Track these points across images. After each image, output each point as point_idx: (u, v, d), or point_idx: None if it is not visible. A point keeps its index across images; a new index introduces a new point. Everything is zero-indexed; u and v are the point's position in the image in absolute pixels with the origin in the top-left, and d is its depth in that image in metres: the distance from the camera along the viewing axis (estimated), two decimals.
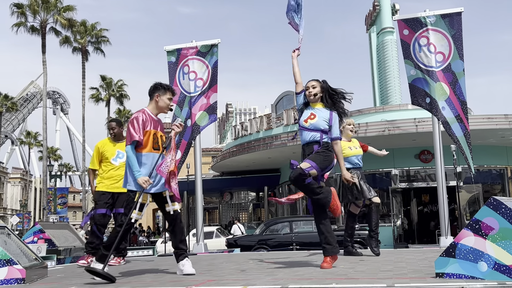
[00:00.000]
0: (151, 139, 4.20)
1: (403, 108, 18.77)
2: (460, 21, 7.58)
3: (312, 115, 4.52)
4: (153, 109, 4.33)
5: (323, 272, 4.02)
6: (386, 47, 23.20)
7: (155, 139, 4.23)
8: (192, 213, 25.99)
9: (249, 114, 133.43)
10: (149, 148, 4.18)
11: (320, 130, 4.45)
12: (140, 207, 4.13)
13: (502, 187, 18.56)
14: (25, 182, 72.34)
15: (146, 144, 4.18)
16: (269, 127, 20.88)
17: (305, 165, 4.29)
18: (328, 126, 4.49)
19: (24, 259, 4.13)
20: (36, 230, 7.83)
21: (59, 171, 36.50)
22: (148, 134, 4.19)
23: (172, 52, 8.75)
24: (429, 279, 3.28)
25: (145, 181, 4.04)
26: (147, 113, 4.28)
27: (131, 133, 4.13)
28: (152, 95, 4.35)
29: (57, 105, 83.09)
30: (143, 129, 4.16)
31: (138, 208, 4.11)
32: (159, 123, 4.37)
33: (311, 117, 4.52)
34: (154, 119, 4.29)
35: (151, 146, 4.20)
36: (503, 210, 3.10)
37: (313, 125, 4.48)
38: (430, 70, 7.52)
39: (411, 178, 18.15)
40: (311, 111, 4.56)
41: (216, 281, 3.66)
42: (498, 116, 15.38)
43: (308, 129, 4.49)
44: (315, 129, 4.47)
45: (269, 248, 13.33)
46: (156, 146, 4.23)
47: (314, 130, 4.47)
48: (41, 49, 32.11)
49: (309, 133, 4.48)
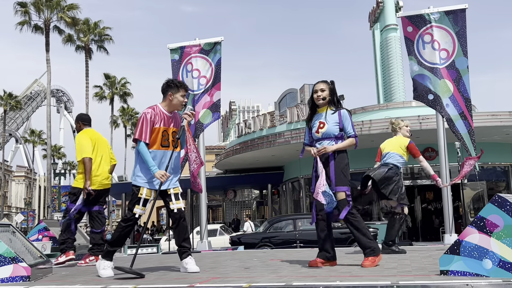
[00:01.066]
0: (159, 137, 4.19)
1: (406, 105, 18.72)
2: (464, 18, 7.54)
3: (321, 124, 4.38)
4: (166, 106, 4.30)
5: (327, 270, 4.02)
6: (390, 44, 23.13)
7: (164, 136, 4.21)
8: (196, 211, 26.03)
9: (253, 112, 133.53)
10: (157, 145, 4.19)
11: (334, 136, 4.34)
12: (143, 203, 4.16)
13: (507, 184, 18.49)
14: (30, 180, 72.61)
15: (154, 142, 4.18)
16: (272, 124, 20.87)
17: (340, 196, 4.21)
18: (340, 129, 4.36)
19: (29, 256, 4.15)
20: (41, 228, 7.86)
21: (63, 169, 36.72)
22: (157, 131, 4.18)
23: (176, 50, 8.75)
24: (433, 277, 3.27)
25: (162, 175, 4.08)
26: (158, 109, 4.26)
27: (138, 132, 4.14)
28: (166, 93, 4.30)
29: (61, 103, 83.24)
30: (151, 127, 4.15)
31: (142, 204, 4.15)
32: (174, 119, 4.32)
33: (320, 126, 4.38)
34: (167, 116, 4.26)
35: (159, 143, 4.20)
36: (508, 208, 3.09)
37: (325, 133, 4.36)
38: (434, 67, 7.49)
39: (415, 175, 18.11)
40: (319, 120, 4.41)
41: (220, 279, 3.67)
42: (502, 113, 15.32)
43: (321, 139, 4.37)
44: (328, 137, 4.35)
45: (273, 245, 13.34)
46: (165, 143, 4.22)
47: (327, 138, 4.35)
48: (45, 47, 32.21)
49: (324, 143, 4.36)
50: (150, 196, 4.19)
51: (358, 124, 16.05)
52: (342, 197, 4.21)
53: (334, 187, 4.23)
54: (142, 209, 4.17)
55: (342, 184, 4.23)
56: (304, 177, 20.49)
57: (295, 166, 21.18)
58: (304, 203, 20.64)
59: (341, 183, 4.23)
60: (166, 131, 4.23)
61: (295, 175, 21.25)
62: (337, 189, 4.22)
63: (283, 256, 5.89)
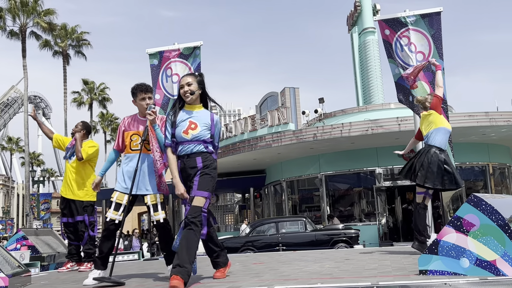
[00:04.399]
0: (128, 141, 4.36)
1: (385, 107, 18.94)
2: (439, 21, 7.68)
3: (192, 125, 3.80)
4: (138, 111, 4.46)
5: (309, 273, 4.04)
6: (368, 47, 23.38)
7: (132, 140, 4.36)
8: (178, 216, 25.86)
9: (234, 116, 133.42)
10: (127, 149, 4.37)
11: (203, 140, 3.80)
12: (115, 207, 4.13)
13: (484, 183, 18.81)
14: (7, 188, 71.17)
15: (124, 146, 4.40)
16: (253, 128, 20.89)
17: (199, 201, 3.62)
18: (211, 135, 3.84)
19: (7, 267, 4.07)
20: (19, 237, 7.71)
21: (42, 176, 36.05)
22: (127, 136, 4.38)
23: (155, 55, 8.71)
24: (412, 276, 3.32)
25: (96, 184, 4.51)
26: (135, 115, 4.46)
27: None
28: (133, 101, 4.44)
29: (38, 110, 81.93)
30: (122, 135, 4.41)
31: (113, 207, 4.16)
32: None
33: (192, 127, 3.79)
34: (139, 120, 4.41)
35: (129, 147, 4.37)
36: (484, 207, 3.16)
37: (196, 136, 3.78)
38: None
39: (395, 176, 18.30)
40: (190, 119, 3.82)
41: (202, 284, 3.65)
42: (479, 113, 15.59)
43: (188, 141, 3.78)
44: (197, 140, 3.78)
45: (256, 249, 13.33)
46: (134, 146, 4.35)
47: (195, 141, 3.78)
48: (22, 53, 31.68)
49: (191, 145, 3.78)
50: (121, 200, 4.19)
51: (338, 126, 16.18)
52: (200, 203, 3.63)
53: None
54: (114, 213, 4.15)
55: (203, 189, 3.67)
56: (286, 180, 20.56)
57: (277, 169, 21.24)
58: (287, 206, 20.70)
59: (201, 187, 3.68)
60: (137, 134, 4.35)
61: (277, 178, 21.29)
62: (196, 193, 3.65)
63: (266, 260, 5.90)
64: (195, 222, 3.53)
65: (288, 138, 16.99)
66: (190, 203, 3.61)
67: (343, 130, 15.92)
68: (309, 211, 19.79)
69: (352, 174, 18.71)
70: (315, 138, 16.34)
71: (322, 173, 18.83)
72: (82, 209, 5.91)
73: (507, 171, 19.71)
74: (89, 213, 5.95)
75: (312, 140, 16.45)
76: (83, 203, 5.93)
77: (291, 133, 17.30)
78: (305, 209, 20.02)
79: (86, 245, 5.91)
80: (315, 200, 19.72)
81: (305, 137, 16.59)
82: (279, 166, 20.95)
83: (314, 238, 13.59)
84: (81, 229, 5.90)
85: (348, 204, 19.15)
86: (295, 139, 16.80)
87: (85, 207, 5.93)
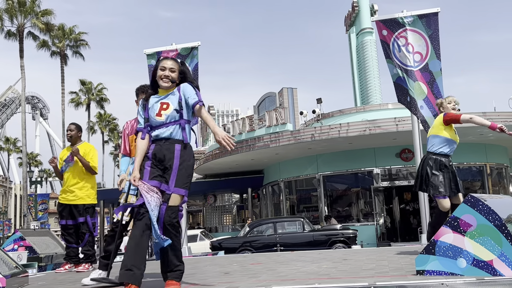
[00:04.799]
0: (133, 144, 4.37)
1: (383, 107, 18.96)
2: (437, 21, 7.69)
3: (164, 105, 3.50)
4: None
5: (306, 273, 4.05)
6: (366, 48, 23.42)
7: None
8: None
9: (232, 116, 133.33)
10: (133, 152, 4.41)
11: (179, 121, 3.49)
12: (124, 208, 4.14)
13: (482, 183, 18.85)
14: (5, 189, 71.01)
15: (131, 150, 4.47)
16: (251, 128, 20.90)
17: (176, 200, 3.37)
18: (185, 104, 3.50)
19: (4, 267, 4.06)
20: (17, 237, 7.70)
21: (40, 177, 35.98)
22: (130, 140, 4.43)
23: (152, 55, 8.71)
24: (410, 277, 3.32)
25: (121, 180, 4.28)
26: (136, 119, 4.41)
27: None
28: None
29: (36, 110, 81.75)
30: (127, 139, 4.47)
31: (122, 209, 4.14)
32: None
33: (163, 108, 3.49)
34: None
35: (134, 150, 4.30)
36: (480, 207, 3.17)
37: (171, 116, 3.48)
38: (408, 70, 7.62)
39: (392, 176, 18.33)
40: (162, 101, 3.52)
41: (199, 285, 3.65)
42: (476, 114, 15.63)
43: (165, 124, 3.47)
44: (174, 122, 3.48)
45: (254, 250, 13.34)
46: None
47: (172, 123, 3.48)
48: (19, 53, 31.61)
49: (169, 128, 3.47)
50: (130, 201, 4.21)
51: (336, 126, 16.19)
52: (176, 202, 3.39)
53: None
54: (120, 214, 4.15)
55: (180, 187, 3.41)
56: (284, 180, 20.57)
57: (275, 169, 21.24)
58: (284, 206, 20.70)
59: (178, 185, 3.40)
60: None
61: (275, 179, 21.30)
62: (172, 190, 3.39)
63: (263, 260, 5.90)
64: (173, 223, 3.35)
65: (286, 139, 17.00)
66: (166, 201, 3.35)
67: (341, 130, 15.94)
68: (307, 211, 19.80)
69: (350, 174, 18.73)
70: (313, 138, 16.35)
71: (320, 173, 18.84)
72: (84, 210, 5.91)
73: (505, 171, 19.76)
74: (90, 215, 5.96)
75: (310, 140, 16.47)
76: (85, 205, 5.93)
77: (289, 133, 17.31)
78: (303, 210, 20.03)
79: (85, 247, 5.92)
80: (313, 201, 19.73)
81: (303, 138, 16.60)
82: (277, 166, 20.96)
83: (312, 239, 13.61)
84: (83, 230, 5.90)
85: (346, 204, 19.17)
86: (293, 139, 16.81)
87: (87, 209, 5.94)
